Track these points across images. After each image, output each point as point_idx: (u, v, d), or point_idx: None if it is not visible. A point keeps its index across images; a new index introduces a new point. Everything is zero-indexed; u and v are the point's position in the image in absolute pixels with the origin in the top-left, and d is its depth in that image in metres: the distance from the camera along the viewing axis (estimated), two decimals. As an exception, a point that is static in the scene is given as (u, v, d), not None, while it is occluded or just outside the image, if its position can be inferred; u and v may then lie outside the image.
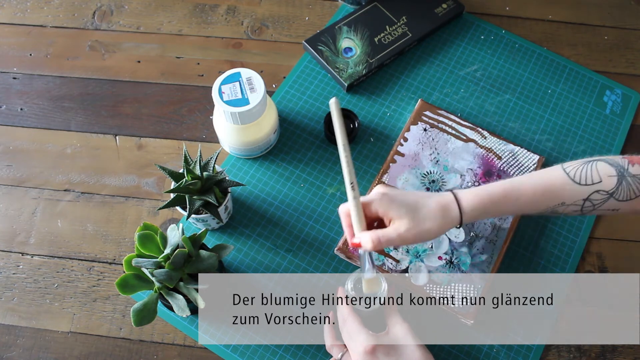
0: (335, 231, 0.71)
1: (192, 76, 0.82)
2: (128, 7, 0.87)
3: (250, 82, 0.66)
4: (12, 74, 0.82)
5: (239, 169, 0.74)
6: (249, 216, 0.71)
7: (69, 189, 0.74)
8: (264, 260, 0.69)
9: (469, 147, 0.74)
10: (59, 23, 0.86)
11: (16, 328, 0.66)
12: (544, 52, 0.84)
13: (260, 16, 0.87)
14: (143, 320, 0.54)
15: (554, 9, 0.88)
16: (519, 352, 0.65)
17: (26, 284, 0.68)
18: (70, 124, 0.78)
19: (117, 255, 0.70)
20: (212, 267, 0.57)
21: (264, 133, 0.70)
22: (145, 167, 0.75)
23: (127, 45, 0.84)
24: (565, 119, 0.79)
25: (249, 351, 0.64)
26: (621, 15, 0.88)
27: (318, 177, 0.74)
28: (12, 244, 0.71)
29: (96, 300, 0.67)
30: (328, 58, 0.80)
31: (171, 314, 0.66)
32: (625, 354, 0.66)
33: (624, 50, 0.85)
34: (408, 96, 0.80)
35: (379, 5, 0.84)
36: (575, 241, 0.71)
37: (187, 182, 0.58)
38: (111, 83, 0.81)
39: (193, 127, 0.78)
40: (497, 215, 0.58)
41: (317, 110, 0.78)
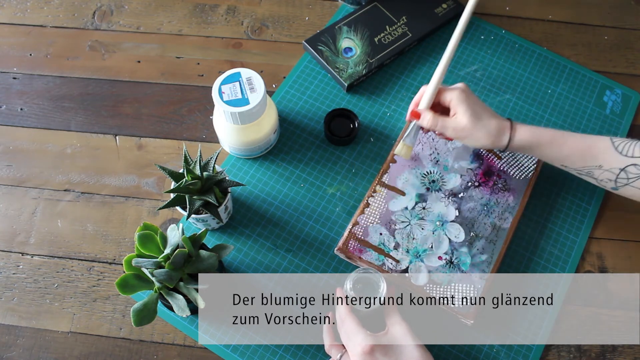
0: (335, 231, 0.71)
1: (192, 76, 0.82)
2: (128, 7, 0.87)
3: (250, 82, 0.66)
4: (12, 74, 0.82)
5: (239, 169, 0.74)
6: (249, 216, 0.71)
7: (69, 189, 0.74)
8: (264, 260, 0.69)
9: (469, 147, 0.74)
10: (59, 23, 0.86)
11: (16, 328, 0.66)
12: (544, 52, 0.84)
13: (260, 16, 0.87)
14: (143, 320, 0.54)
15: (554, 9, 0.88)
16: (519, 352, 0.65)
17: (26, 284, 0.68)
18: (70, 124, 0.78)
19: (117, 255, 0.70)
20: (212, 267, 0.57)
21: (264, 133, 0.70)
22: (145, 167, 0.75)
23: (127, 45, 0.84)
24: (565, 119, 0.79)
25: (249, 351, 0.64)
26: (621, 15, 0.88)
27: (318, 177, 0.74)
28: (12, 244, 0.71)
29: (96, 300, 0.67)
30: (328, 58, 0.80)
31: (171, 314, 0.66)
32: (625, 354, 0.66)
33: (624, 50, 0.85)
34: (408, 96, 0.80)
35: (379, 5, 0.84)
36: (575, 241, 0.71)
37: (187, 182, 0.58)
38: (111, 83, 0.81)
39: (193, 127, 0.78)
40: (539, 157, 0.64)
41: (317, 110, 0.78)
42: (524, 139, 0.63)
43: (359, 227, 0.69)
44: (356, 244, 0.68)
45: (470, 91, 0.65)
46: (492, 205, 0.70)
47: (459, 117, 0.63)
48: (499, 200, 0.70)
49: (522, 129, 0.63)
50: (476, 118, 0.63)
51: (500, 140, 0.63)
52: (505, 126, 0.63)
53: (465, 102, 0.63)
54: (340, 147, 0.76)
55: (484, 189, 0.71)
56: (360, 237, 0.68)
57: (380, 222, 0.69)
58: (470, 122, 0.63)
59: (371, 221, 0.69)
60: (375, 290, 0.61)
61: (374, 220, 0.69)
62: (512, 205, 0.70)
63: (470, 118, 0.63)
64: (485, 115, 0.63)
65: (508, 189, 0.71)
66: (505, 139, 0.63)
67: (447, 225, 0.69)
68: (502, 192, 0.71)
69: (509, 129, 0.63)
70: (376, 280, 0.61)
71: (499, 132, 0.63)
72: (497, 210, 0.70)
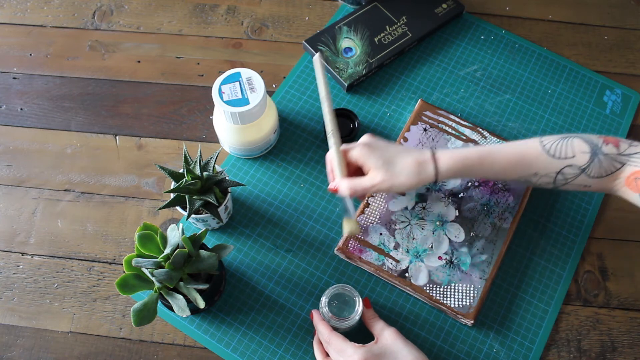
0: (335, 231, 0.71)
1: (192, 76, 0.82)
2: (128, 7, 0.87)
3: (250, 82, 0.66)
4: (12, 74, 0.82)
5: (239, 169, 0.74)
6: (249, 216, 0.71)
7: (69, 189, 0.74)
8: (264, 260, 0.69)
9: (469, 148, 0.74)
10: (59, 23, 0.86)
11: (16, 328, 0.66)
12: (544, 52, 0.84)
13: (260, 16, 0.87)
14: (143, 320, 0.54)
15: (554, 9, 0.88)
16: (519, 352, 0.65)
17: (26, 284, 0.68)
18: (70, 124, 0.78)
19: (117, 255, 0.70)
20: (212, 267, 0.57)
21: (264, 133, 0.70)
22: (145, 167, 0.75)
23: (127, 45, 0.84)
24: (565, 119, 0.79)
25: (249, 351, 0.64)
26: (621, 15, 0.88)
27: (318, 177, 0.74)
28: (12, 244, 0.71)
29: (96, 300, 0.67)
30: (328, 58, 0.80)
31: (171, 314, 0.66)
32: (625, 354, 0.66)
33: (624, 50, 0.85)
34: (408, 96, 0.80)
35: (379, 5, 0.84)
36: (575, 241, 0.71)
37: (187, 182, 0.58)
38: (111, 83, 0.81)
39: (193, 127, 0.78)
40: (475, 177, 0.62)
41: (317, 110, 0.78)
42: (450, 165, 0.59)
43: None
44: (356, 244, 0.68)
45: (373, 140, 0.61)
46: (492, 205, 0.70)
47: (372, 173, 0.60)
48: (499, 200, 0.70)
49: (445, 155, 0.60)
50: (388, 165, 0.59)
51: (424, 176, 0.59)
52: (426, 158, 0.59)
53: (372, 155, 0.60)
54: (340, 147, 0.76)
55: (483, 189, 0.71)
56: (360, 237, 0.68)
57: (380, 222, 0.69)
58: (385, 172, 0.59)
59: (371, 221, 0.69)
60: (351, 305, 0.61)
61: (374, 220, 0.69)
62: (512, 205, 0.70)
63: (383, 168, 0.59)
64: (397, 158, 0.59)
65: (508, 189, 0.71)
66: (430, 171, 0.59)
67: (447, 225, 0.69)
68: (502, 192, 0.71)
69: (431, 160, 0.59)
70: (350, 294, 0.61)
71: (420, 168, 0.59)
72: (497, 210, 0.70)
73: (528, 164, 0.58)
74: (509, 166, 0.59)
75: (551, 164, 0.58)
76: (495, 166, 0.59)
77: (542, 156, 0.58)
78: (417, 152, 0.60)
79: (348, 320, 0.60)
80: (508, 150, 0.59)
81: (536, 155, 0.58)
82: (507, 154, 0.59)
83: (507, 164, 0.59)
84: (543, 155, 0.58)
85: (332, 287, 0.61)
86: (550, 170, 0.58)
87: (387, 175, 0.59)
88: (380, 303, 0.67)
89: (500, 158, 0.59)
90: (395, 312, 0.66)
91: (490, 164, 0.59)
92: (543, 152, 0.58)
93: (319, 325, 0.60)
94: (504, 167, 0.59)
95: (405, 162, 0.59)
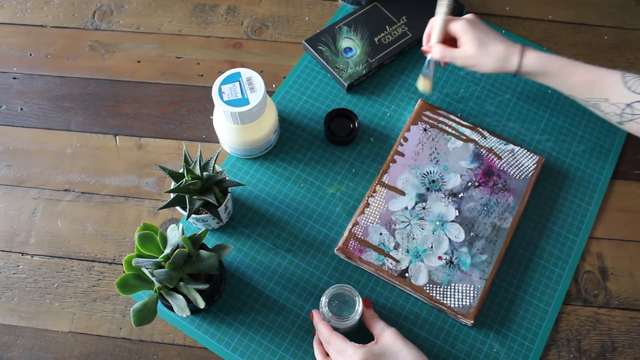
0: (335, 231, 0.71)
1: (192, 76, 0.82)
2: (128, 7, 0.87)
3: (250, 82, 0.66)
4: (12, 74, 0.82)
5: (239, 169, 0.74)
6: (249, 216, 0.71)
7: (69, 189, 0.74)
8: (264, 260, 0.69)
9: (469, 147, 0.74)
10: (59, 23, 0.86)
11: (16, 328, 0.66)
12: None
13: (260, 16, 0.87)
14: (143, 320, 0.54)
15: (554, 9, 0.88)
16: (519, 352, 0.65)
17: (26, 284, 0.68)
18: (70, 124, 0.78)
19: (117, 255, 0.70)
20: (212, 267, 0.57)
21: (264, 133, 0.70)
22: (145, 167, 0.75)
23: (127, 45, 0.84)
24: (565, 119, 0.79)
25: (249, 351, 0.64)
26: (621, 15, 0.88)
27: (318, 177, 0.74)
28: (12, 244, 0.71)
29: (96, 300, 0.67)
30: (328, 58, 0.80)
31: (171, 314, 0.66)
32: (625, 354, 0.66)
33: (624, 50, 0.85)
34: (408, 96, 0.80)
35: (379, 5, 0.84)
36: (575, 241, 0.71)
37: (187, 182, 0.58)
38: (111, 83, 0.81)
39: (193, 127, 0.78)
40: (549, 84, 0.65)
41: (317, 110, 0.78)
42: (533, 64, 0.64)
43: (359, 227, 0.69)
44: (356, 244, 0.68)
45: (477, 20, 0.66)
46: (492, 205, 0.70)
47: (465, 47, 0.66)
48: (499, 200, 0.70)
49: (532, 54, 0.64)
50: (482, 45, 0.65)
51: (508, 64, 0.65)
52: (514, 50, 0.65)
53: (471, 31, 0.65)
54: (340, 147, 0.76)
55: (484, 189, 0.71)
56: (360, 237, 0.68)
57: (380, 222, 0.69)
58: (476, 50, 0.65)
59: (371, 221, 0.69)
60: (351, 305, 0.61)
61: (374, 220, 0.69)
62: (512, 205, 0.70)
63: (475, 46, 0.65)
64: (492, 41, 0.65)
65: (508, 189, 0.71)
66: (514, 63, 0.64)
67: (447, 225, 0.69)
68: (502, 192, 0.71)
69: (519, 53, 0.64)
70: (350, 294, 0.61)
71: (506, 56, 0.64)
72: (497, 210, 0.70)
73: (603, 87, 0.62)
74: (584, 84, 0.62)
75: (625, 94, 0.60)
76: (573, 79, 0.63)
77: (618, 84, 0.61)
78: (510, 43, 0.65)
79: (348, 320, 0.60)
80: (589, 69, 0.63)
81: (613, 82, 0.61)
82: (588, 71, 0.63)
83: (583, 81, 0.62)
84: (620, 84, 0.61)
85: (332, 287, 0.61)
86: (622, 100, 0.61)
87: (478, 53, 0.65)
88: (380, 303, 0.67)
89: (579, 73, 0.63)
90: (395, 312, 0.66)
91: (568, 75, 0.63)
92: (621, 81, 0.61)
93: (319, 325, 0.60)
94: (580, 84, 0.63)
95: (496, 47, 0.65)
